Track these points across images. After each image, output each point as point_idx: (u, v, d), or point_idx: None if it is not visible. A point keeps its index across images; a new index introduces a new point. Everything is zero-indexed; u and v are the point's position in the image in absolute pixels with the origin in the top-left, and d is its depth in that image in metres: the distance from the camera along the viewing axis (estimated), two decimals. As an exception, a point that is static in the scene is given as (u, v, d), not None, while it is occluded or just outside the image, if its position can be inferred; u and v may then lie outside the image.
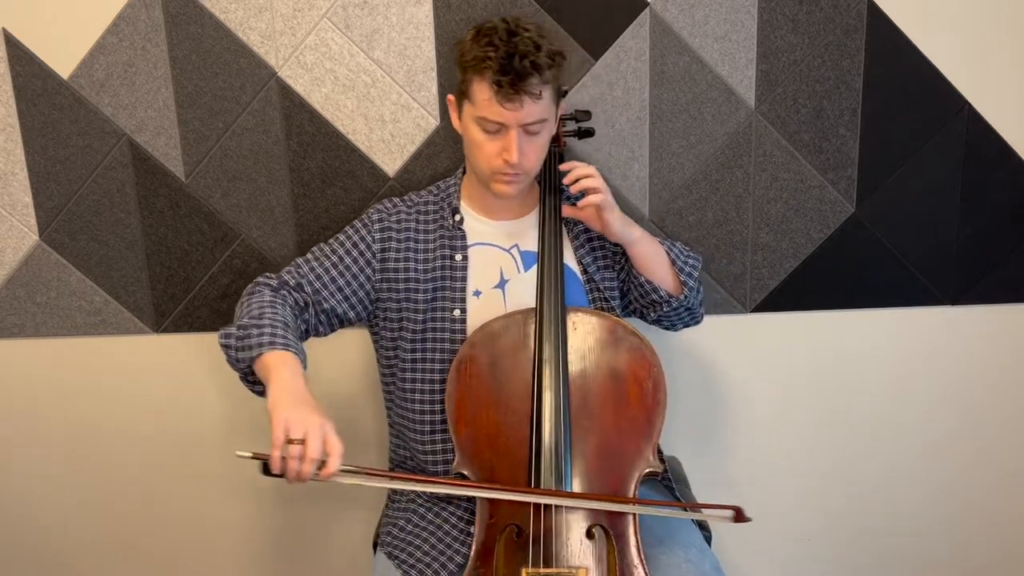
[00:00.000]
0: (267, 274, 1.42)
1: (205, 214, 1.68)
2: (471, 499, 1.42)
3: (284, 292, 1.38)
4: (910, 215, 1.73)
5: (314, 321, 1.41)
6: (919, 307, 1.78)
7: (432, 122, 1.65)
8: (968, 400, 1.84)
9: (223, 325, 1.71)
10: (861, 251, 1.74)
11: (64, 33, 1.59)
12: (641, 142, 1.67)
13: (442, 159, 1.67)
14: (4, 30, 1.60)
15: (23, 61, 1.61)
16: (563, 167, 1.41)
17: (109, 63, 1.61)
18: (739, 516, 1.29)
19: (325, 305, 1.41)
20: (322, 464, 1.15)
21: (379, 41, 1.61)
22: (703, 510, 1.45)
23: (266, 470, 1.16)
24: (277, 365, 1.23)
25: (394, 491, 1.53)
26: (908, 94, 1.66)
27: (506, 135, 1.32)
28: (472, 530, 1.38)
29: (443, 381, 1.40)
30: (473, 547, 1.29)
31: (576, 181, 1.38)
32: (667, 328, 1.57)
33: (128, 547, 1.88)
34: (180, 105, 1.63)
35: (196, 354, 1.75)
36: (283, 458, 1.14)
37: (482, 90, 1.29)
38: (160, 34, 1.60)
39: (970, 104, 1.67)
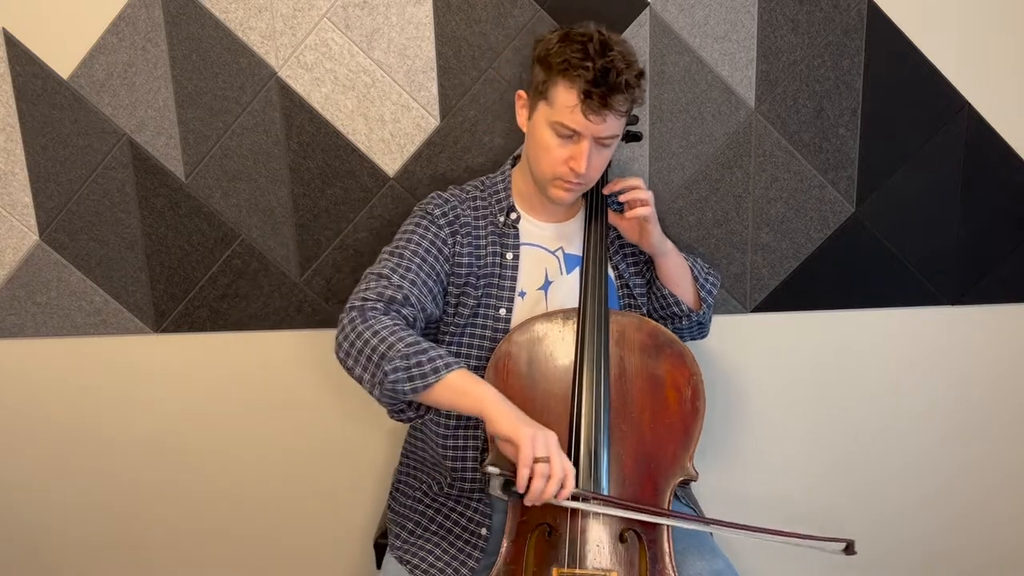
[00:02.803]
0: (362, 294, 1.29)
1: (205, 214, 1.68)
2: (488, 500, 1.41)
3: (394, 311, 1.29)
4: (910, 215, 1.73)
5: (418, 331, 1.34)
6: (919, 307, 1.78)
7: (432, 122, 1.65)
8: (968, 400, 1.84)
9: (223, 325, 1.73)
10: (861, 251, 1.74)
11: (64, 33, 1.59)
12: (641, 142, 1.67)
13: (442, 159, 1.67)
14: (4, 30, 1.60)
15: (23, 61, 1.61)
16: (606, 188, 1.43)
17: (109, 63, 1.61)
18: (849, 549, 1.24)
19: (427, 310, 1.35)
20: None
21: (379, 41, 1.61)
22: (815, 541, 1.30)
23: (507, 488, 1.16)
24: (476, 383, 1.20)
25: (398, 486, 1.52)
26: (908, 94, 1.66)
27: (578, 144, 1.31)
28: (483, 532, 1.38)
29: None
30: (503, 545, 1.28)
31: (623, 192, 1.40)
32: None
33: (128, 547, 1.87)
34: (180, 105, 1.63)
35: (196, 354, 1.75)
36: (529, 478, 1.13)
37: (568, 97, 1.28)
38: (160, 34, 1.60)
39: (970, 104, 1.67)
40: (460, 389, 1.19)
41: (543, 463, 1.12)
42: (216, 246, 1.70)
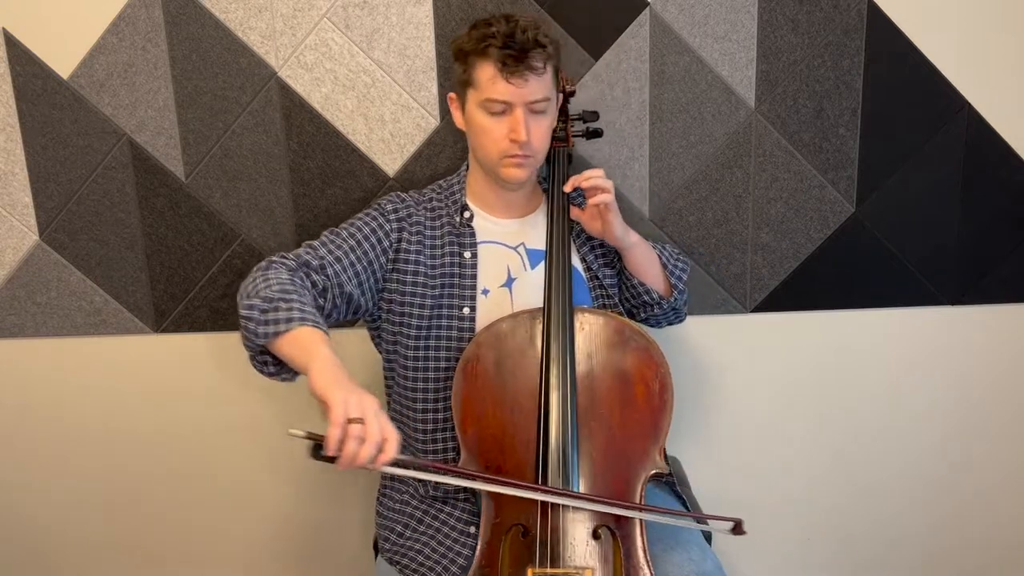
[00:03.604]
0: (282, 253, 1.35)
1: (205, 214, 1.68)
2: (473, 499, 1.42)
3: (303, 273, 1.32)
4: (910, 215, 1.73)
5: (330, 306, 1.36)
6: (919, 307, 1.78)
7: (432, 122, 1.65)
8: (968, 400, 1.84)
9: (223, 325, 1.73)
10: (861, 251, 1.74)
11: (64, 33, 1.59)
12: (641, 142, 1.67)
13: (442, 159, 1.67)
14: (4, 30, 1.60)
15: (23, 61, 1.61)
16: (567, 185, 1.43)
17: (109, 63, 1.61)
18: (737, 528, 1.29)
19: (345, 289, 1.36)
20: (378, 452, 1.09)
21: (379, 41, 1.61)
22: (706, 520, 1.43)
23: (316, 452, 1.09)
24: (316, 342, 1.18)
25: (384, 491, 1.52)
26: (908, 94, 1.67)
27: (512, 115, 1.33)
28: (471, 530, 1.38)
29: (447, 379, 1.40)
30: (478, 546, 1.29)
31: (584, 182, 1.39)
32: (652, 326, 1.60)
33: (128, 547, 1.87)
34: (180, 105, 1.63)
35: (196, 354, 1.75)
36: (340, 441, 1.08)
37: (486, 69, 1.31)
38: (160, 34, 1.60)
39: (970, 104, 1.67)
40: (301, 344, 1.18)
41: (356, 424, 1.07)
42: (216, 246, 1.70)
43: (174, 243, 1.70)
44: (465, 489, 1.42)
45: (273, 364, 1.28)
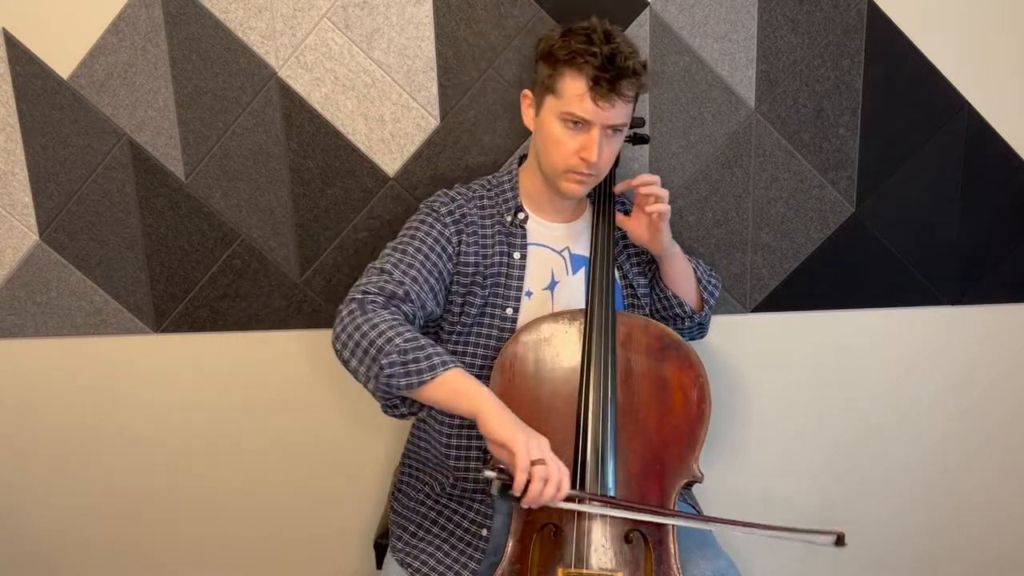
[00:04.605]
0: (363, 287, 1.29)
1: (205, 214, 1.68)
2: (489, 500, 1.41)
3: (394, 306, 1.28)
4: (910, 215, 1.73)
5: (418, 327, 1.33)
6: (919, 307, 1.78)
7: (432, 122, 1.65)
8: (968, 400, 1.84)
9: (223, 325, 1.73)
10: (861, 251, 1.74)
11: (64, 33, 1.59)
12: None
13: (442, 159, 1.67)
14: (4, 30, 1.60)
15: (23, 61, 1.61)
16: (618, 187, 1.43)
17: (109, 63, 1.61)
18: (840, 541, 1.24)
19: (427, 307, 1.34)
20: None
21: (379, 41, 1.61)
22: (807, 534, 1.28)
23: (504, 492, 1.14)
24: (472, 383, 1.19)
25: (400, 487, 1.52)
26: (908, 94, 1.66)
27: (588, 133, 1.31)
28: (484, 533, 1.38)
29: (481, 377, 1.39)
30: (508, 545, 1.28)
31: (640, 186, 1.39)
32: None
33: (127, 547, 1.87)
34: (180, 105, 1.63)
35: (196, 354, 1.75)
36: (527, 482, 1.12)
37: (576, 85, 1.29)
38: (160, 34, 1.60)
39: (970, 104, 1.67)
40: (455, 388, 1.19)
41: (540, 466, 1.12)
42: (216, 246, 1.70)
43: (174, 243, 1.70)
44: (483, 489, 1.41)
45: (405, 405, 1.27)
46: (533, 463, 1.12)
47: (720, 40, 1.63)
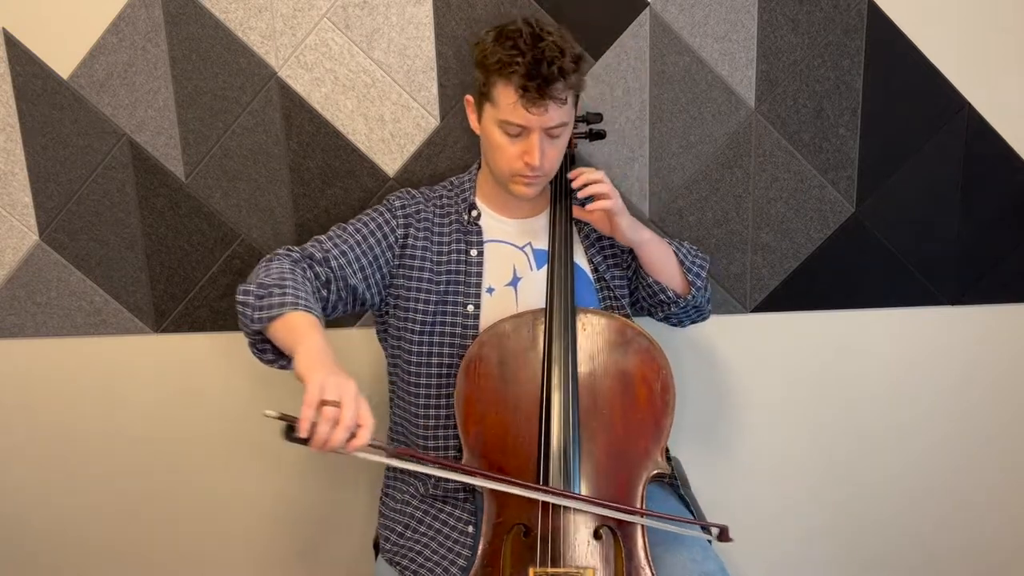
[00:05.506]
0: (288, 246, 1.38)
1: (205, 214, 1.68)
2: (472, 498, 1.42)
3: (305, 264, 1.34)
4: (910, 215, 1.73)
5: (334, 298, 1.37)
6: (919, 307, 1.78)
7: (432, 122, 1.65)
8: (968, 400, 1.84)
9: (223, 325, 1.73)
10: (861, 251, 1.74)
11: (64, 33, 1.59)
12: (641, 142, 1.67)
13: (442, 159, 1.67)
14: (4, 30, 1.60)
15: (23, 61, 1.61)
16: (571, 175, 1.42)
17: (109, 63, 1.61)
18: (723, 535, 1.30)
19: (350, 281, 1.37)
20: (351, 436, 1.07)
21: (379, 41, 1.61)
22: (692, 526, 1.41)
23: (288, 434, 1.07)
24: (307, 327, 1.19)
25: (387, 490, 1.52)
26: (908, 94, 1.67)
27: (528, 138, 1.32)
28: (471, 530, 1.38)
29: (450, 375, 1.40)
30: (480, 546, 1.29)
31: (584, 186, 1.39)
32: (675, 325, 1.59)
33: (127, 547, 1.87)
34: (180, 105, 1.63)
35: (196, 354, 1.75)
36: (313, 423, 1.06)
37: (507, 94, 1.29)
38: (160, 34, 1.60)
39: (970, 104, 1.67)
40: (292, 328, 1.20)
41: (331, 407, 1.06)
42: (216, 246, 1.70)
43: (174, 243, 1.70)
44: (465, 488, 1.42)
45: (272, 352, 1.29)
46: (326, 403, 1.05)
47: (720, 40, 1.63)
